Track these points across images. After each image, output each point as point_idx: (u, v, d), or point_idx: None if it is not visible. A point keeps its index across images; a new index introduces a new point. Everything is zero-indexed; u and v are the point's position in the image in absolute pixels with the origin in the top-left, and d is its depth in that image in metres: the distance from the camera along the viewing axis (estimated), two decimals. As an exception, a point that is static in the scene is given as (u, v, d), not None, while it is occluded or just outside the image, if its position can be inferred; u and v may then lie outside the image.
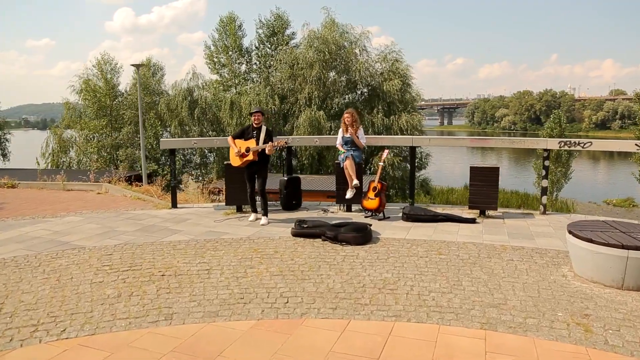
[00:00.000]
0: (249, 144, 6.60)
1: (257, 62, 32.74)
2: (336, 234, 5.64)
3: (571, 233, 4.41)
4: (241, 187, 7.04)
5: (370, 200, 6.96)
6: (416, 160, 13.70)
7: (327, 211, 7.54)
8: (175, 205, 7.94)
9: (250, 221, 6.81)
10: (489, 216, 7.06)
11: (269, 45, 32.20)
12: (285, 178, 7.75)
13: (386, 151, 7.50)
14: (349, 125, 7.11)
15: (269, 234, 6.04)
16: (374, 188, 6.94)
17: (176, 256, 5.11)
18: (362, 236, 5.61)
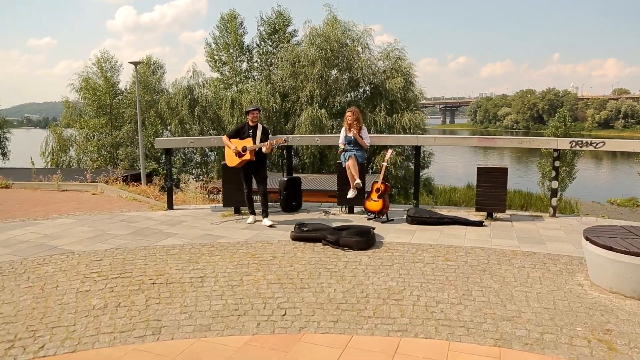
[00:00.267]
0: (246, 143, 6.33)
1: (258, 60, 32.47)
2: (337, 238, 5.37)
3: (588, 239, 4.14)
4: (239, 188, 6.78)
5: (373, 202, 6.69)
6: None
7: (329, 213, 7.28)
8: (171, 206, 7.68)
9: (248, 223, 6.55)
10: (497, 219, 6.79)
11: (270, 42, 31.92)
12: (285, 179, 7.48)
13: (390, 151, 7.22)
14: (351, 124, 6.85)
15: (268, 238, 5.77)
16: (377, 189, 6.67)
17: (169, 262, 4.85)
18: (365, 241, 5.34)
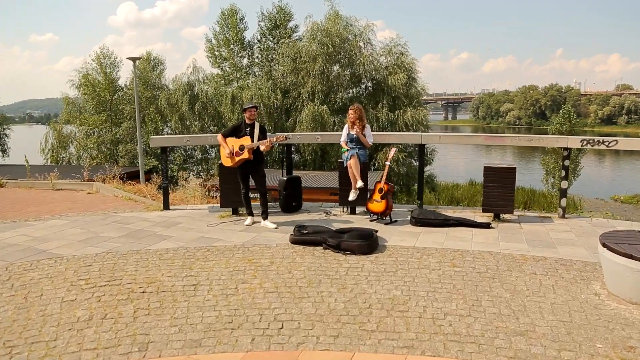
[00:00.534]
0: (243, 142, 6.07)
1: (259, 56, 32.20)
2: (339, 242, 5.12)
3: (606, 246, 3.88)
4: (237, 188, 6.53)
5: (375, 202, 6.43)
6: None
7: (330, 214, 7.03)
8: (167, 207, 7.43)
9: (246, 225, 6.30)
10: (504, 220, 6.54)
11: (271, 38, 31.63)
12: (284, 178, 7.23)
13: (393, 150, 6.96)
14: (353, 122, 6.59)
15: (266, 241, 5.53)
16: (380, 189, 6.41)
17: (161, 267, 4.61)
18: (368, 245, 5.09)
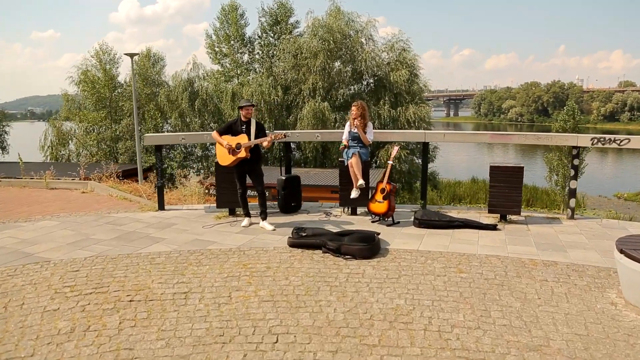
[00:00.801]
0: (240, 140, 5.82)
1: (260, 52, 31.92)
2: (339, 246, 4.89)
3: (623, 252, 3.64)
4: (234, 188, 6.30)
5: (377, 203, 6.19)
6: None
7: (330, 214, 6.79)
8: (162, 207, 7.20)
9: (243, 227, 6.07)
10: (511, 221, 6.30)
11: (272, 34, 31.34)
12: (283, 177, 6.99)
13: (396, 148, 6.72)
14: (355, 118, 6.33)
15: (263, 244, 5.30)
16: (382, 190, 6.17)
17: (152, 273, 4.38)
18: (369, 248, 4.85)
